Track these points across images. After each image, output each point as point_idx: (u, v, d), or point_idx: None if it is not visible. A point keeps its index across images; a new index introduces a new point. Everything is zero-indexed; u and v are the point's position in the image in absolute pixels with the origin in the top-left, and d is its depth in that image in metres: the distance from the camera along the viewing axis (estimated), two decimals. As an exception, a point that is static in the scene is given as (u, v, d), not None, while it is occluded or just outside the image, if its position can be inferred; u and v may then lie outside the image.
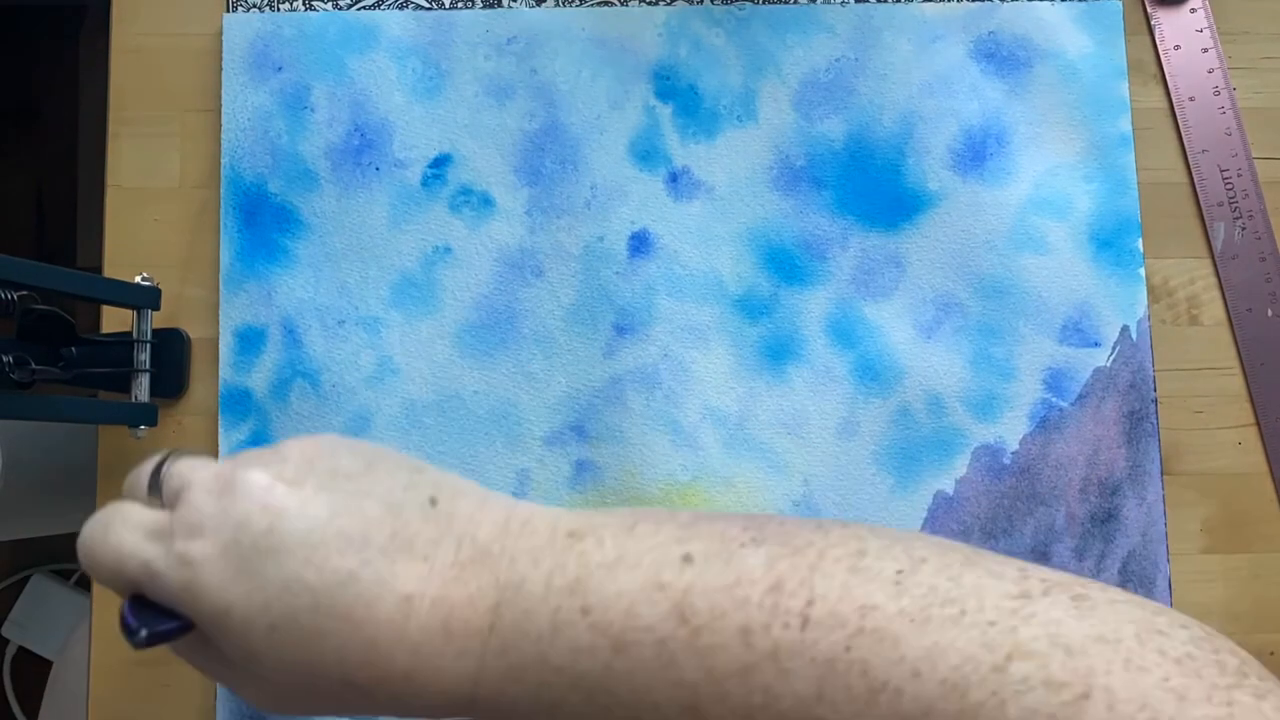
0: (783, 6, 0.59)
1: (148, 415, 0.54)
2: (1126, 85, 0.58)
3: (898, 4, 0.59)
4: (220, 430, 0.55)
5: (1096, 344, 0.57)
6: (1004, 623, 0.30)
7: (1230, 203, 0.59)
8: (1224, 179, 0.59)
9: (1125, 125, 0.58)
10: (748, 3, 0.59)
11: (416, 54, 0.57)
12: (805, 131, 0.58)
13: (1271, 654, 0.57)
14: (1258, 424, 0.58)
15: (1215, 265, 0.59)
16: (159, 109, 0.58)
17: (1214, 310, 0.59)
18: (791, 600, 0.32)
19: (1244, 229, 0.59)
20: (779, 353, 0.56)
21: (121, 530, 0.36)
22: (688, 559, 0.34)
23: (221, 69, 0.57)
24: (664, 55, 0.58)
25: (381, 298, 0.56)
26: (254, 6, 0.58)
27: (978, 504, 0.56)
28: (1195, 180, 0.59)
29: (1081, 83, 0.58)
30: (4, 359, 0.49)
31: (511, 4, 0.59)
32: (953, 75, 0.58)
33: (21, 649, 1.19)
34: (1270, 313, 0.58)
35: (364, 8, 0.58)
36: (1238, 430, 0.58)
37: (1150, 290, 0.58)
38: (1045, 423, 0.56)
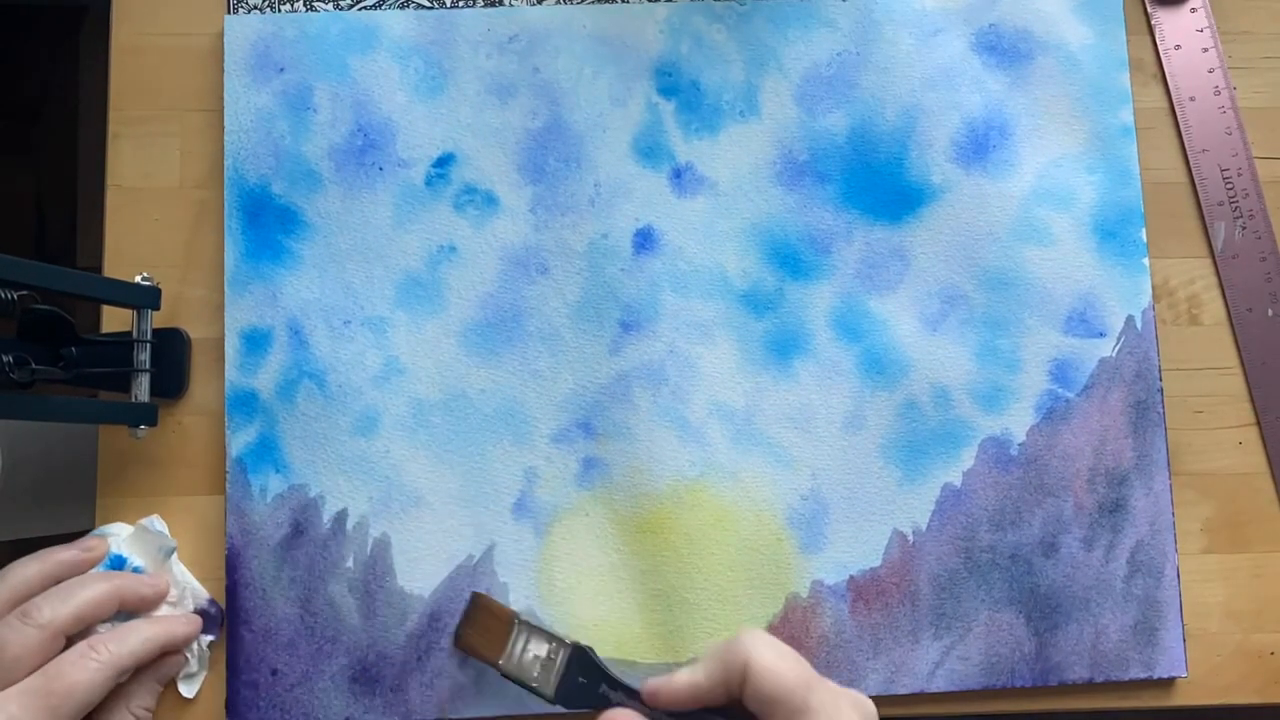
0: (783, 1, 0.59)
1: (148, 415, 0.54)
2: (1128, 76, 0.59)
3: (898, -2, 0.59)
4: (227, 433, 0.55)
5: (1101, 334, 0.57)
6: None
7: (1230, 202, 0.59)
8: (1224, 179, 0.59)
9: (1127, 116, 0.58)
10: (748, -2, 0.59)
11: (418, 53, 0.57)
12: (808, 126, 0.58)
13: (1272, 654, 0.57)
14: (1258, 424, 0.58)
15: (1215, 265, 0.59)
16: (159, 109, 0.58)
17: (1214, 310, 0.59)
18: None
19: (1244, 229, 0.59)
20: (785, 347, 0.56)
21: None
22: None
23: (223, 69, 0.57)
24: (665, 51, 0.58)
25: (387, 297, 0.56)
26: (255, 8, 0.58)
27: (985, 496, 0.56)
28: (1195, 180, 0.59)
29: (1083, 74, 0.58)
30: (4, 359, 0.48)
31: (513, 2, 0.59)
32: (954, 68, 0.58)
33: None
34: (1270, 313, 0.58)
35: (365, 8, 0.58)
36: (1238, 430, 0.58)
37: (1151, 289, 0.58)
38: (1052, 414, 0.56)
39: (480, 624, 0.52)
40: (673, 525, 0.55)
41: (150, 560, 0.54)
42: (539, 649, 0.50)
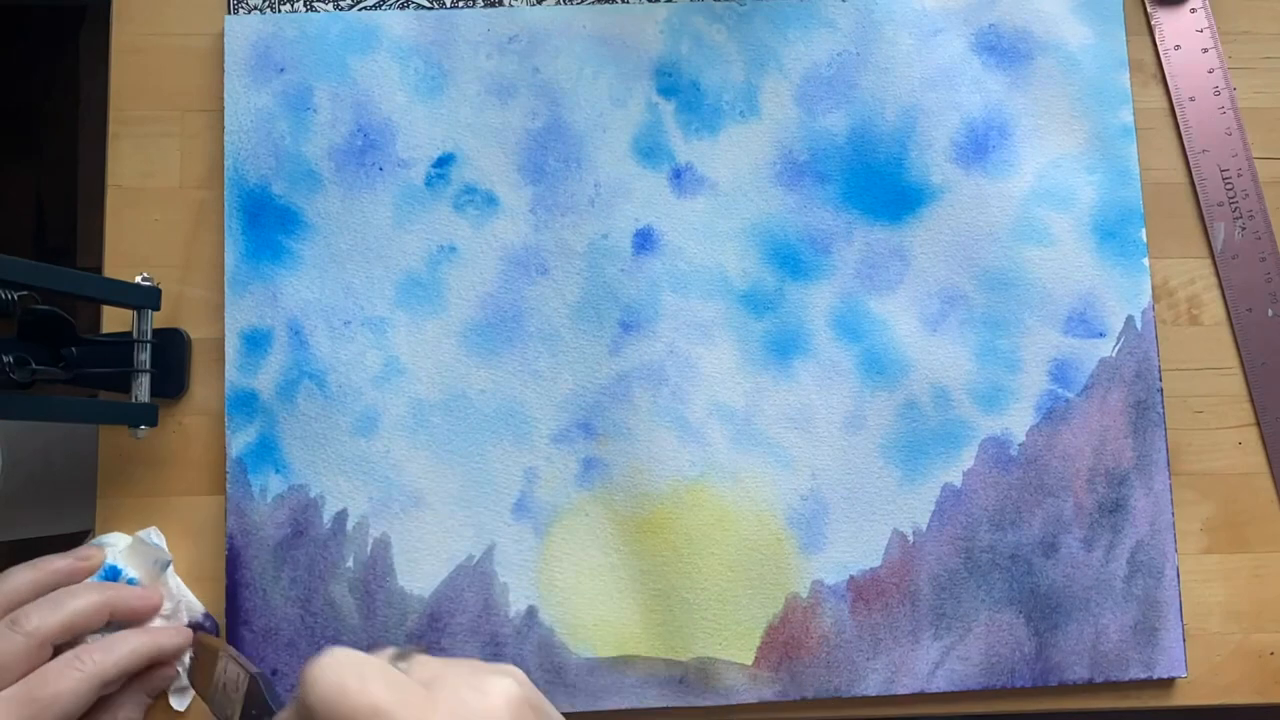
0: (783, 1, 0.59)
1: (148, 415, 0.54)
2: (1127, 76, 0.59)
3: (898, -2, 0.59)
4: (227, 433, 0.55)
5: (1101, 334, 0.57)
6: None
7: (1230, 203, 0.59)
8: (1224, 179, 0.59)
9: (1127, 116, 0.58)
10: (748, -2, 0.59)
11: (418, 54, 0.57)
12: (808, 126, 0.58)
13: (1272, 654, 0.57)
14: (1258, 424, 0.58)
15: (1215, 265, 0.59)
16: (159, 109, 0.58)
17: (1214, 310, 0.59)
18: None
19: (1244, 229, 0.59)
20: (785, 347, 0.56)
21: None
22: None
23: (223, 70, 0.57)
24: (665, 52, 0.58)
25: (387, 298, 0.56)
26: (255, 8, 0.58)
27: (985, 496, 0.56)
28: (1195, 180, 0.59)
29: (1082, 74, 0.58)
30: (4, 359, 0.49)
31: (513, 3, 0.59)
32: (954, 68, 0.58)
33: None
34: (1270, 313, 0.58)
35: (365, 8, 0.58)
36: (1238, 430, 0.58)
37: (1151, 290, 0.58)
38: (1052, 414, 0.56)
39: (199, 660, 0.52)
40: (673, 525, 0.55)
41: (145, 573, 0.54)
42: (235, 679, 0.49)
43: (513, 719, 0.35)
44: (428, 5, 0.58)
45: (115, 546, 0.54)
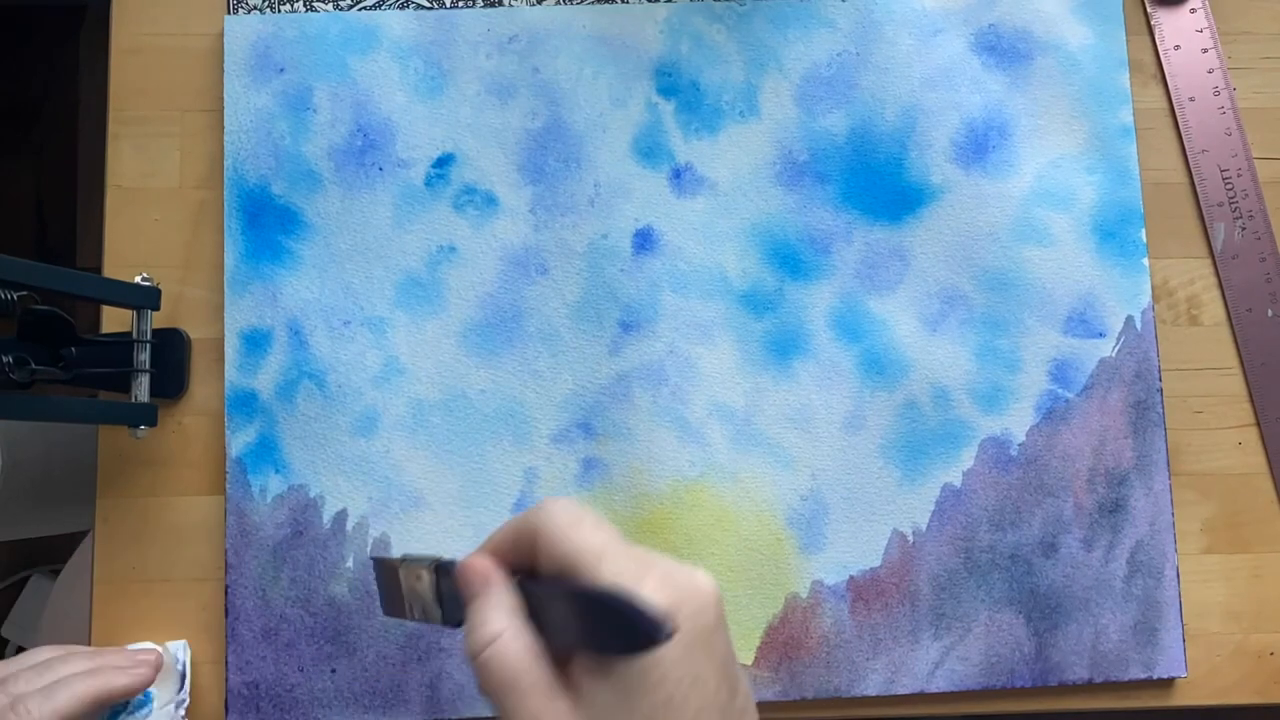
0: (783, 1, 0.59)
1: (147, 415, 0.54)
2: (1127, 76, 0.59)
3: (898, -2, 0.59)
4: (227, 433, 0.55)
5: (1101, 334, 0.57)
6: None
7: (1230, 203, 0.59)
8: (1224, 179, 0.59)
9: (1126, 116, 0.58)
10: (748, -2, 0.59)
11: (418, 53, 0.57)
12: (808, 126, 0.58)
13: (1272, 654, 0.57)
14: (1258, 424, 0.58)
15: (1215, 265, 0.59)
16: (159, 109, 0.58)
17: (1214, 310, 0.59)
18: None
19: (1244, 229, 0.59)
20: (785, 347, 0.56)
21: None
22: None
23: (223, 70, 0.57)
24: (665, 52, 0.58)
25: (387, 298, 0.56)
26: (255, 8, 0.58)
27: (985, 496, 0.56)
28: (1195, 180, 0.59)
29: (1082, 74, 0.58)
30: (4, 359, 0.48)
31: (512, 3, 0.59)
32: (954, 68, 0.58)
33: (21, 649, 1.17)
34: (1270, 313, 0.58)
35: (365, 8, 0.58)
36: (1238, 430, 0.58)
37: (1151, 290, 0.58)
38: (1051, 414, 0.56)
39: (386, 585, 0.50)
40: (673, 525, 0.55)
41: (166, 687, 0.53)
42: (418, 581, 0.45)
43: (719, 599, 0.37)
44: (428, 5, 0.58)
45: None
